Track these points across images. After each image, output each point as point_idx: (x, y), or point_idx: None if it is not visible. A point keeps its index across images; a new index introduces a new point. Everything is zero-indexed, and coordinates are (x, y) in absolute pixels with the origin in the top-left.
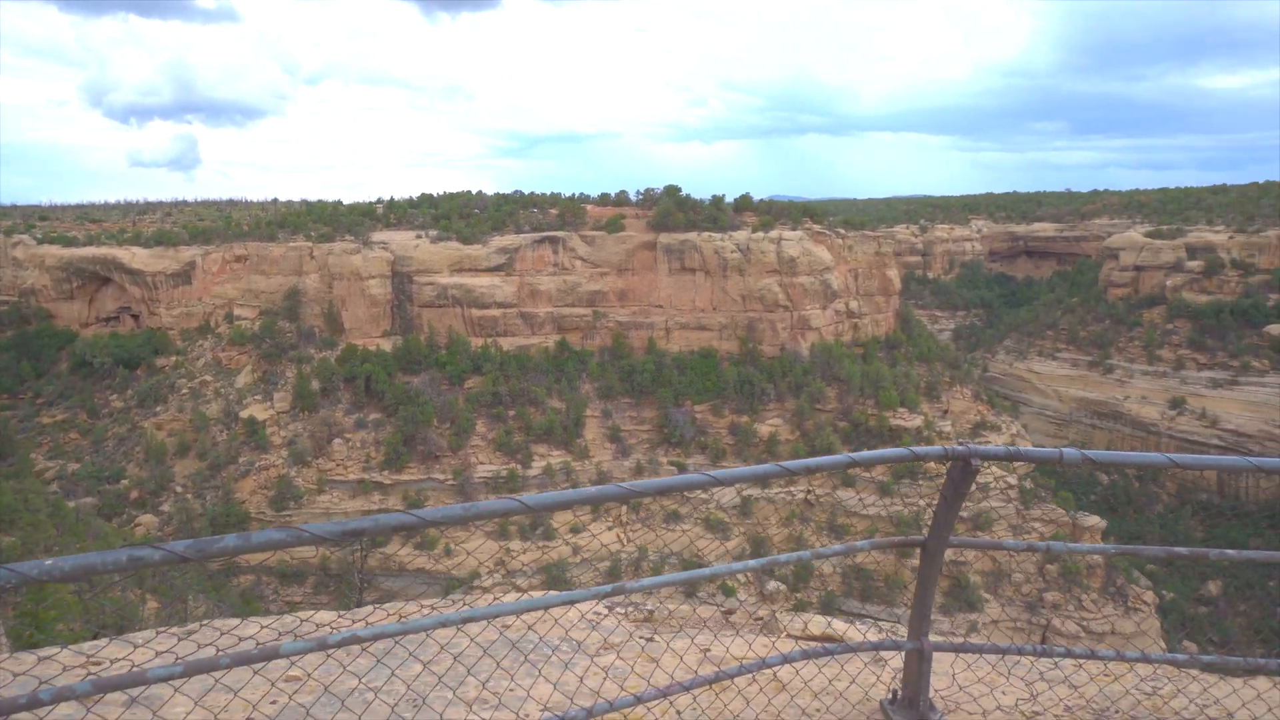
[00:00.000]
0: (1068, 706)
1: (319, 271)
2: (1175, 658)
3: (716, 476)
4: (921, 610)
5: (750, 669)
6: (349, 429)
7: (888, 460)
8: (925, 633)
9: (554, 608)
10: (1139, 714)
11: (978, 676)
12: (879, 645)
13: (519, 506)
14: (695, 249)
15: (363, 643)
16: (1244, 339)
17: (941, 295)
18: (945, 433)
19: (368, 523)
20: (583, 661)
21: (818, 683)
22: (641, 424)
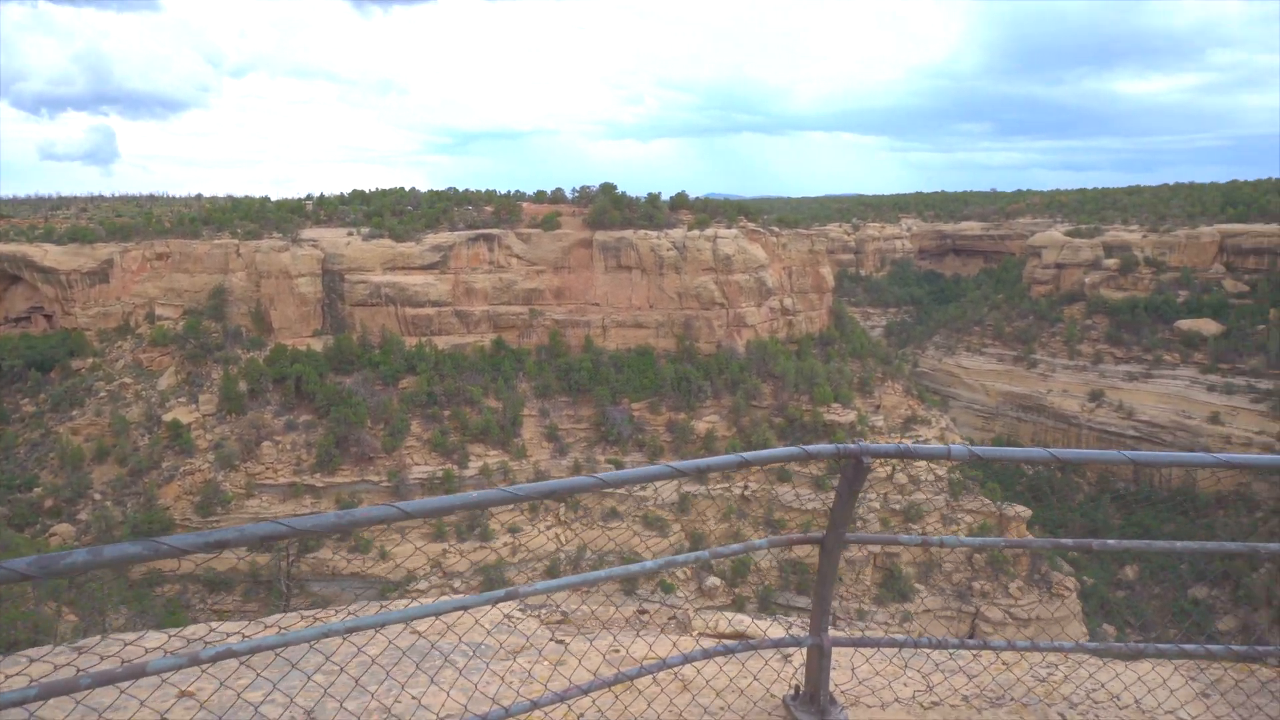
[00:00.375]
0: (965, 696)
1: (246, 270)
2: (1061, 645)
3: (604, 479)
4: (821, 606)
5: (650, 670)
6: (279, 431)
7: (780, 459)
8: (825, 629)
9: (450, 613)
10: (1030, 700)
11: (876, 670)
12: (779, 643)
13: (397, 514)
14: (631, 247)
15: (238, 656)
16: (1157, 334)
17: (873, 292)
18: (878, 427)
19: (231, 533)
20: (483, 667)
21: (722, 681)
22: (579, 422)
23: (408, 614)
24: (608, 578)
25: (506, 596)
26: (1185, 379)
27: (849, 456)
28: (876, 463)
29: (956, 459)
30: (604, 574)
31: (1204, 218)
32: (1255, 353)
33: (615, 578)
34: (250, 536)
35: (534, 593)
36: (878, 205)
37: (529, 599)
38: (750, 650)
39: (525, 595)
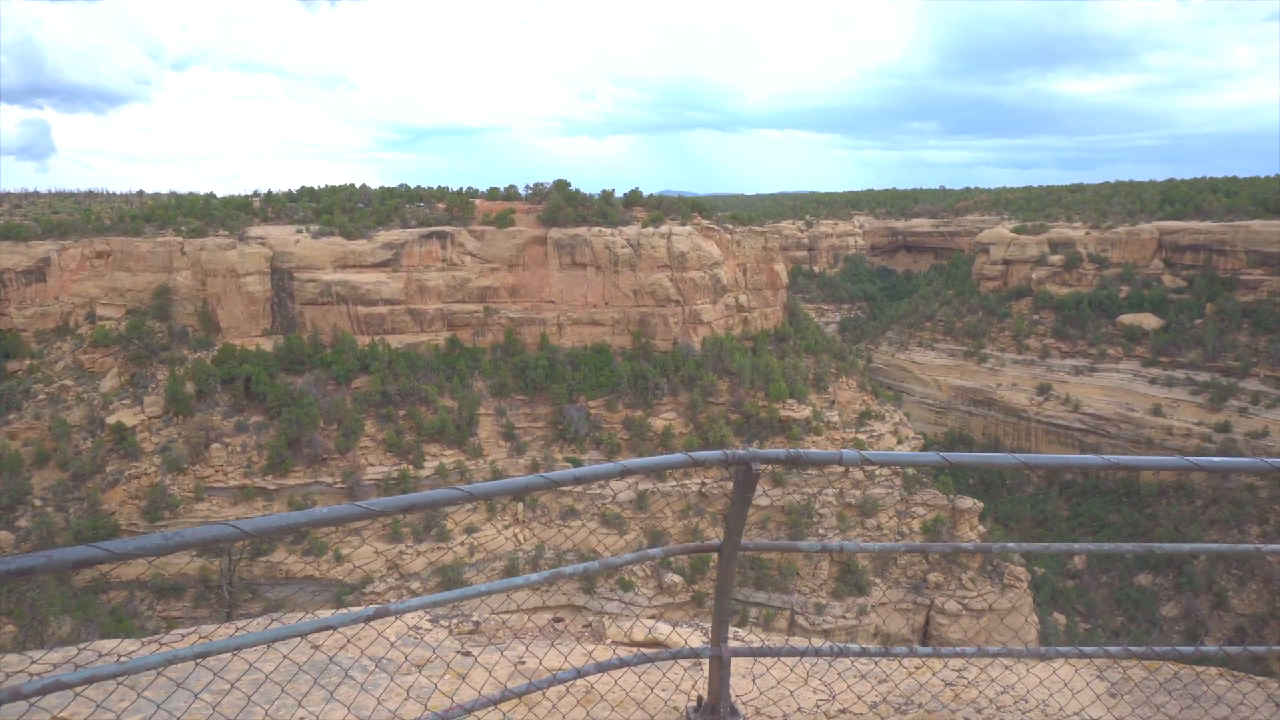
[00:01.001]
0: (871, 703)
1: (191, 268)
2: (964, 651)
3: (470, 491)
4: (720, 617)
5: (540, 685)
6: (228, 433)
7: (665, 466)
8: (724, 639)
9: (346, 626)
10: (937, 705)
11: (777, 679)
12: (677, 654)
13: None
14: (586, 244)
15: (71, 688)
16: (1101, 328)
17: (827, 289)
18: (833, 423)
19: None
20: (384, 681)
21: (628, 693)
22: (536, 421)
23: (266, 636)
24: (477, 594)
25: (376, 614)
26: (1128, 372)
27: (737, 463)
28: None
29: (848, 464)
30: (472, 591)
31: (1143, 215)
32: (1193, 346)
33: (485, 593)
34: (58, 563)
35: (407, 609)
36: (830, 202)
37: (441, 609)
38: (646, 663)
39: (397, 612)
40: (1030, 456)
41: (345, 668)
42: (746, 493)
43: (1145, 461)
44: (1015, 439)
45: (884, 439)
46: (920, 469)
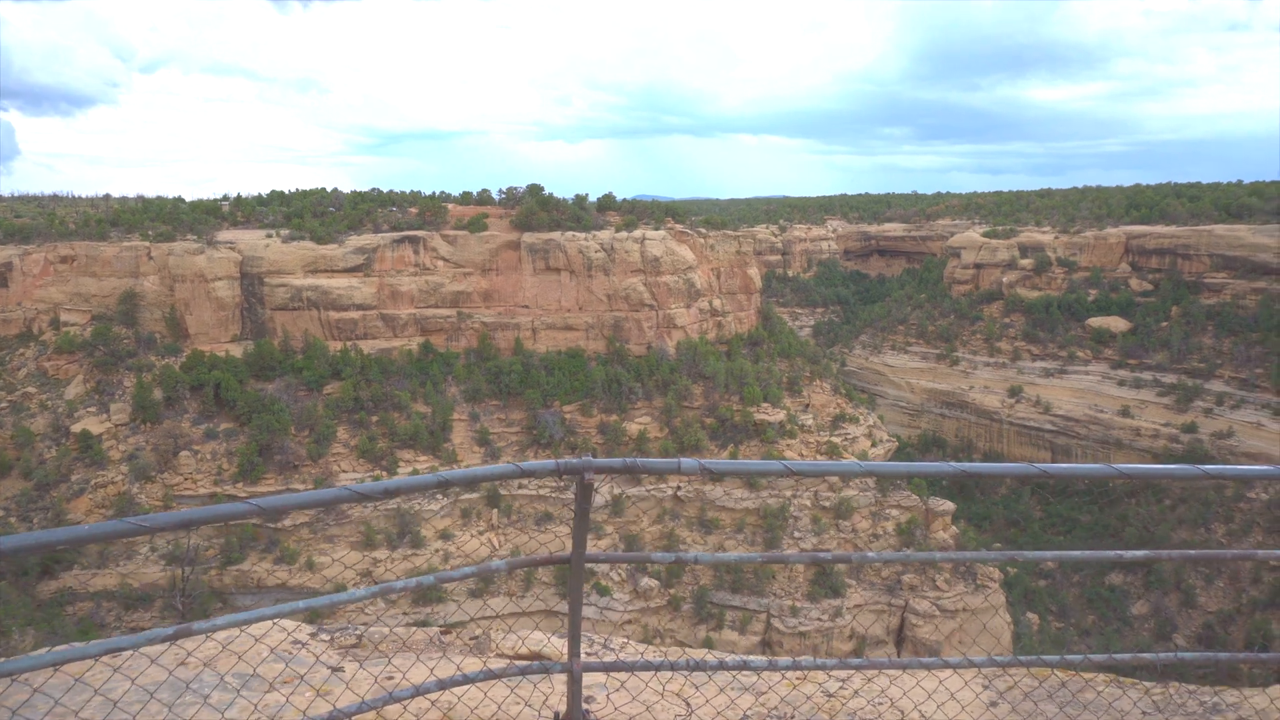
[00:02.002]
0: (745, 714)
1: (158, 273)
2: (824, 663)
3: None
4: (573, 631)
5: (401, 697)
6: (197, 440)
7: (489, 478)
8: (577, 653)
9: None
10: (815, 717)
11: (632, 695)
12: (525, 670)
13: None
14: (560, 248)
15: None
16: (1070, 331)
17: (801, 293)
18: (807, 426)
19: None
20: (243, 701)
21: (500, 706)
22: (510, 426)
23: (42, 660)
24: (290, 611)
25: (177, 635)
26: (1097, 374)
27: (571, 473)
28: (807, 459)
29: (686, 473)
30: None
31: (1110, 220)
32: (1160, 348)
33: (281, 615)
34: None
35: (211, 629)
36: (804, 207)
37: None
38: (519, 675)
39: (201, 632)
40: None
41: (208, 685)
42: (584, 503)
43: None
44: (988, 441)
45: (858, 442)
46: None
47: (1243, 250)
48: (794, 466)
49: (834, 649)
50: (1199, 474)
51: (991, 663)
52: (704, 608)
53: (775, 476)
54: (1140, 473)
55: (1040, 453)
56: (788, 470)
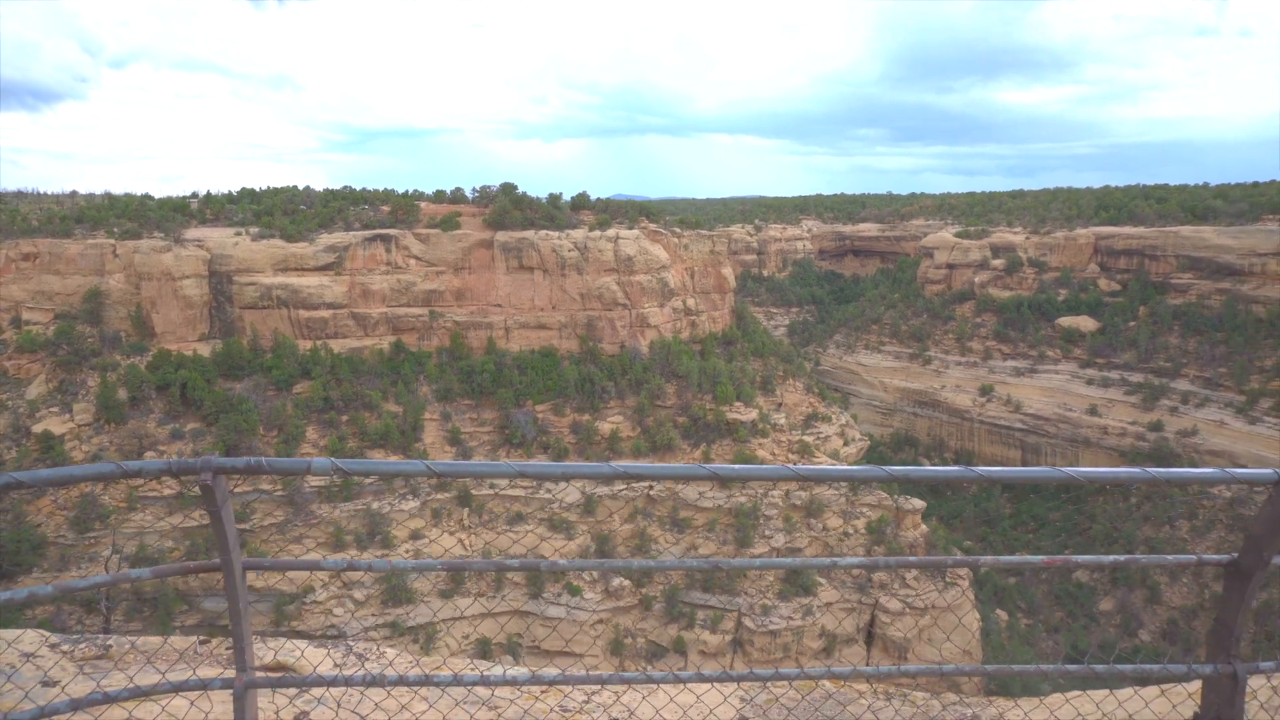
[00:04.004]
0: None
1: (124, 271)
2: (542, 676)
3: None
4: (239, 642)
5: (56, 710)
6: (163, 441)
7: (96, 478)
8: (244, 667)
9: None
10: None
11: (351, 709)
12: (181, 686)
13: None
14: (533, 247)
15: None
16: (1040, 331)
17: (776, 292)
18: (779, 425)
19: None
20: None
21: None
22: (482, 425)
23: None
24: None
25: None
26: (1066, 374)
27: (187, 474)
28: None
29: (318, 473)
30: None
31: (1080, 220)
32: (1127, 348)
33: None
34: None
35: None
36: (779, 207)
37: None
38: (139, 696)
39: None
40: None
41: None
42: (213, 505)
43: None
44: (959, 440)
45: (830, 440)
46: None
47: (1208, 251)
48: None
49: (805, 647)
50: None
51: (752, 676)
52: (675, 607)
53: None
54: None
55: (1010, 451)
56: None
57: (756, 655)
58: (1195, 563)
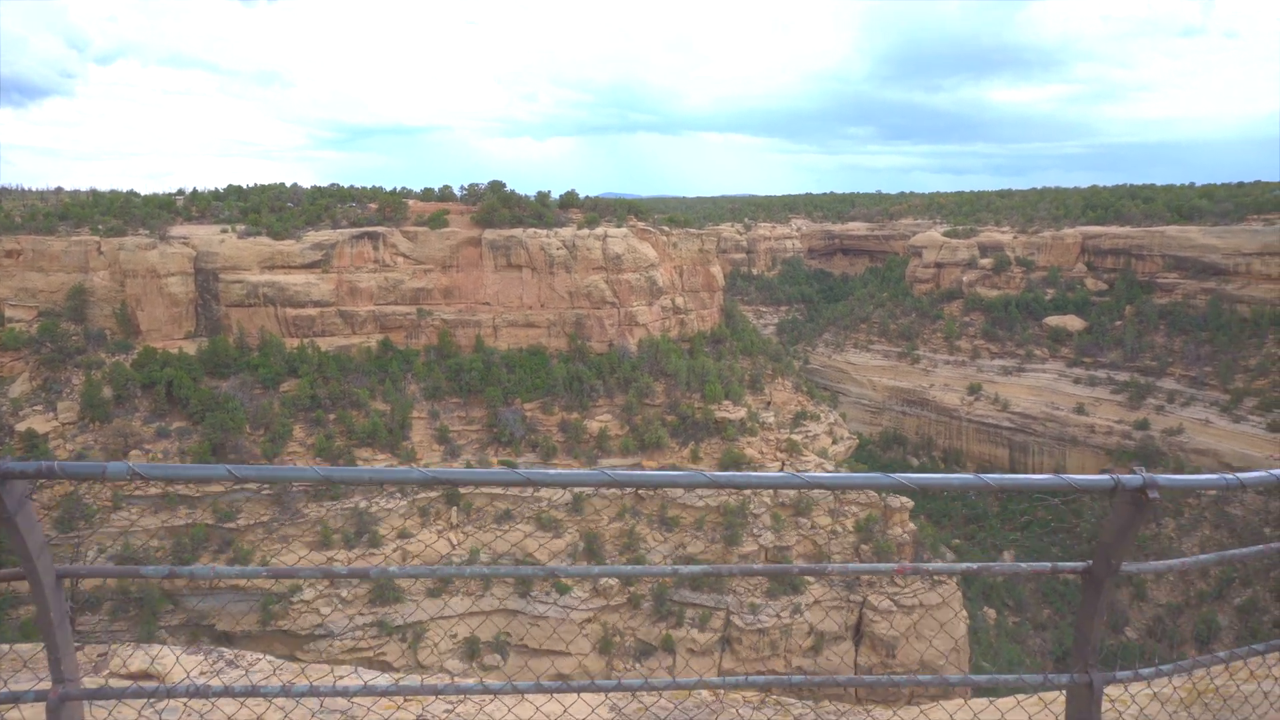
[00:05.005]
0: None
1: (109, 268)
2: (459, 685)
3: None
4: (52, 654)
5: None
6: (149, 439)
7: None
8: (60, 679)
9: None
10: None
11: None
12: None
13: None
14: (521, 245)
15: None
16: (1028, 330)
17: (765, 291)
18: (768, 424)
19: None
20: None
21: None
22: (470, 424)
23: None
24: None
25: None
26: (1053, 372)
27: None
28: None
29: (113, 478)
30: None
31: (1067, 220)
32: (1114, 347)
33: None
34: None
35: None
36: (769, 206)
37: None
38: None
39: None
40: None
41: None
42: (3, 512)
43: None
44: (947, 438)
45: (819, 439)
46: (848, 459)
47: (1193, 251)
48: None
49: (793, 645)
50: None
51: (620, 686)
52: (664, 605)
53: (218, 481)
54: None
55: (998, 449)
56: (231, 475)
57: (745, 653)
58: (1050, 570)
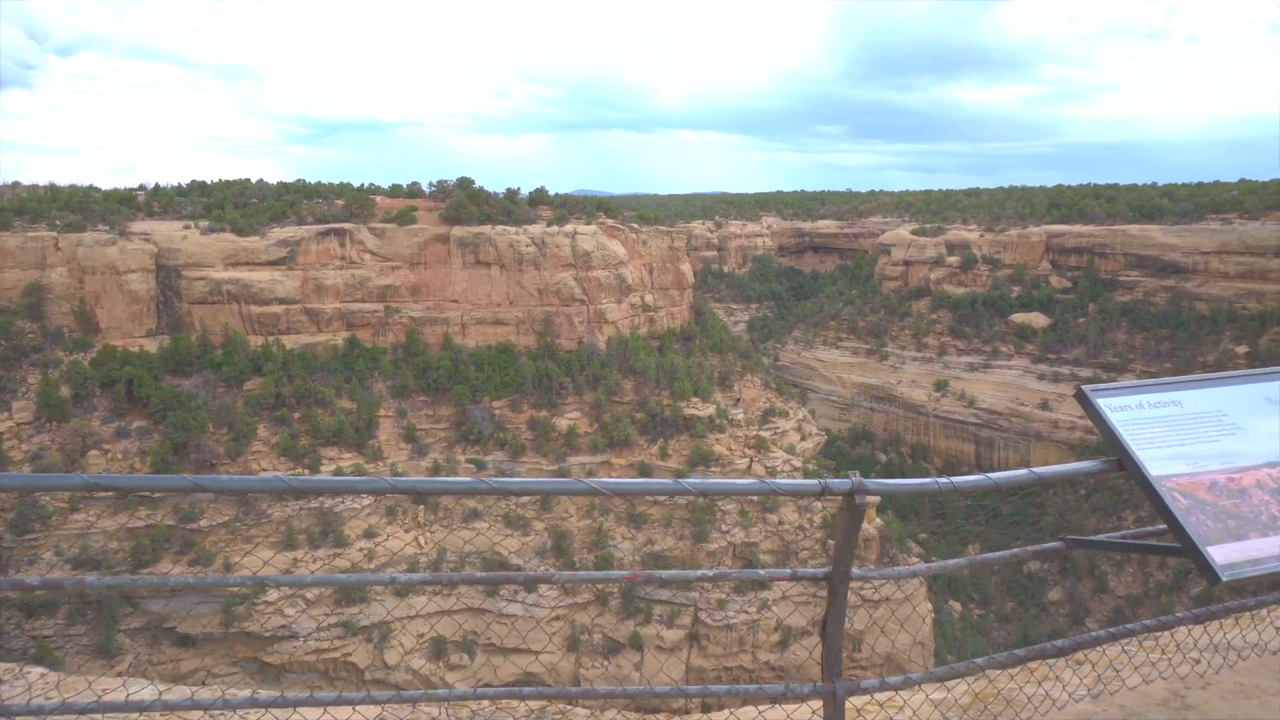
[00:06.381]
0: None
1: (67, 265)
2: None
3: None
4: None
5: None
6: (108, 439)
7: None
8: None
9: None
10: None
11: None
12: None
13: None
14: (490, 242)
15: None
16: (994, 327)
17: (736, 288)
18: (737, 420)
19: None
20: None
21: None
22: (438, 422)
23: None
24: None
25: None
26: (1019, 369)
27: None
28: (736, 453)
29: None
30: None
31: (1033, 219)
32: (1077, 344)
33: None
34: None
35: None
36: (740, 203)
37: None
38: None
39: None
40: None
41: None
42: None
43: None
44: (915, 434)
45: (787, 435)
46: (816, 456)
47: (1154, 250)
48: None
49: (760, 641)
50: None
51: (398, 698)
52: (632, 602)
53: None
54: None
55: (965, 445)
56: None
57: (713, 650)
58: (790, 577)
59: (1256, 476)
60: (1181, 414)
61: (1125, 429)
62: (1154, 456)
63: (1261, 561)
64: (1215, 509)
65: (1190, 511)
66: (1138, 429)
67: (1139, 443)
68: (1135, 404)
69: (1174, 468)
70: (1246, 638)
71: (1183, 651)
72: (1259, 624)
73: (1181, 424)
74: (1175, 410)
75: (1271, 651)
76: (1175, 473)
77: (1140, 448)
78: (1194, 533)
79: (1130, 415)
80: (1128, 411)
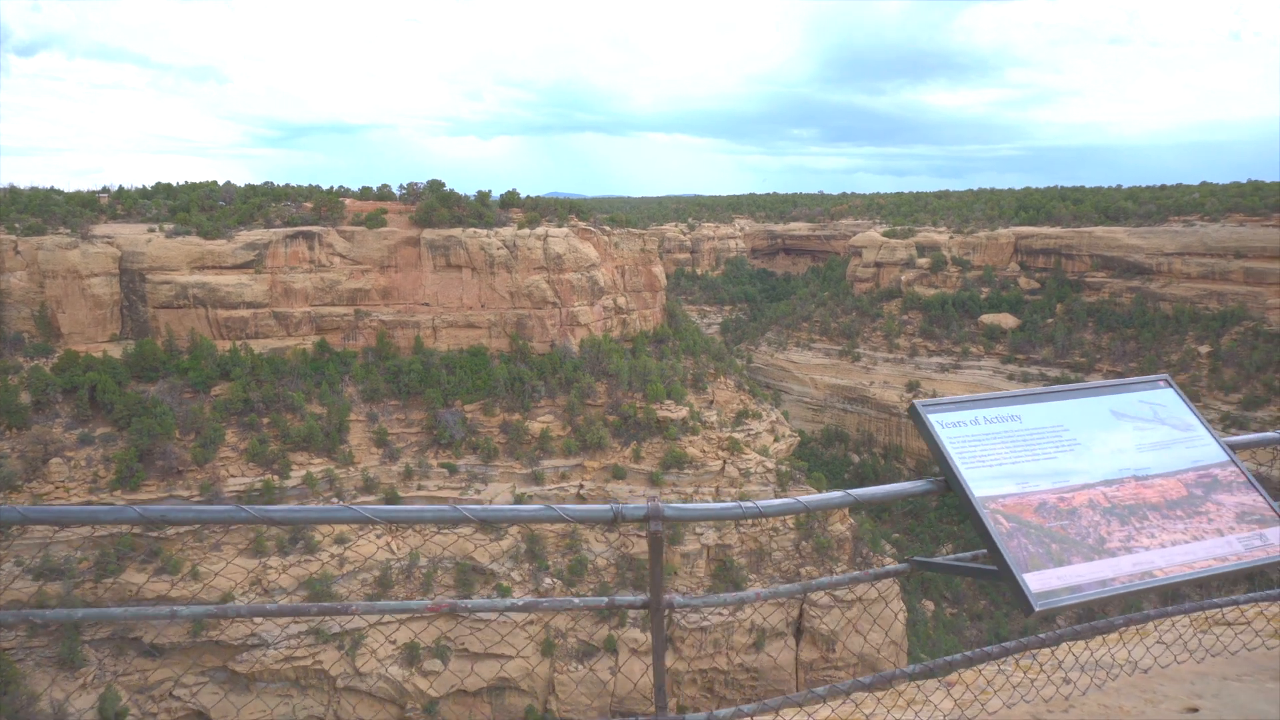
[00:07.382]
0: None
1: (27, 268)
2: None
3: None
4: None
5: None
6: (70, 446)
7: None
8: None
9: None
10: None
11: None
12: None
13: None
14: (461, 245)
15: None
16: (964, 328)
17: (709, 290)
18: (710, 422)
19: None
20: None
21: None
22: (410, 426)
23: None
24: None
25: None
26: (988, 369)
27: None
28: (709, 455)
29: None
30: None
31: (1001, 221)
32: (1045, 344)
33: None
34: None
35: None
36: (713, 206)
37: None
38: None
39: None
40: None
41: None
42: None
43: None
44: (887, 434)
45: (760, 437)
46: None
47: (1119, 251)
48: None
49: (735, 642)
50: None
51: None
52: None
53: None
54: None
55: None
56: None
57: (688, 652)
58: (607, 606)
59: (1090, 495)
60: (1019, 429)
61: (954, 446)
62: (981, 476)
63: (1081, 589)
64: (1040, 532)
65: (1012, 535)
66: (969, 446)
67: (967, 461)
68: (970, 419)
69: (1002, 488)
70: (1119, 656)
71: (1063, 669)
72: (1144, 638)
73: (1017, 440)
74: (1013, 426)
75: (1143, 670)
76: (1002, 493)
77: (968, 466)
78: (1012, 558)
79: (963, 432)
80: (961, 428)
